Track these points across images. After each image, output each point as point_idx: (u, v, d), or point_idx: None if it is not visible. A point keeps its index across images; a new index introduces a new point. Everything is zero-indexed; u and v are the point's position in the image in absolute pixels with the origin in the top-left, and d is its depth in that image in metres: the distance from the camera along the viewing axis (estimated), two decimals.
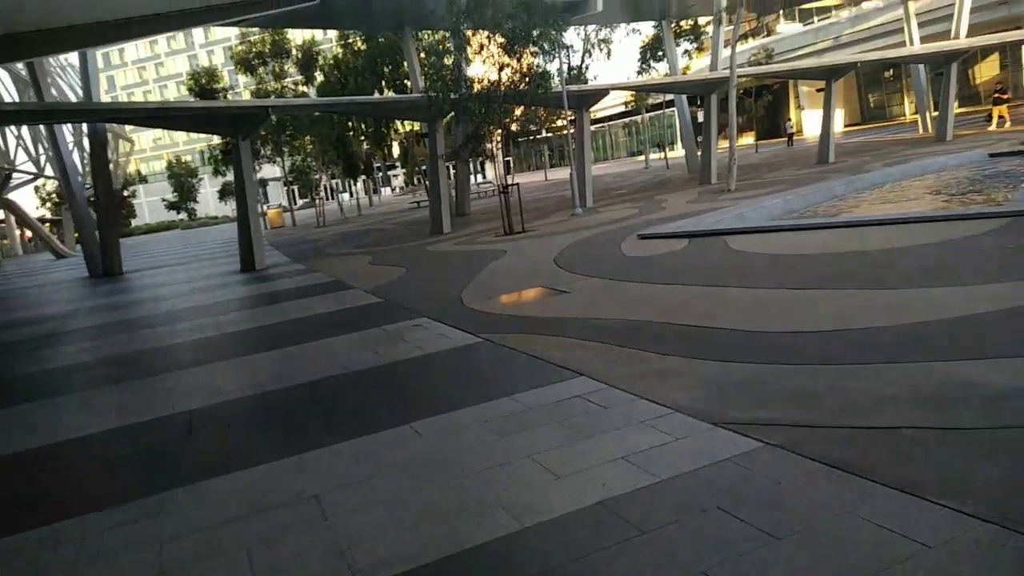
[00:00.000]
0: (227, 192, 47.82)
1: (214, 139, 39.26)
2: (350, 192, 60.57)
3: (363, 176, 44.75)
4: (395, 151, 53.43)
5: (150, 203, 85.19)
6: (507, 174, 20.68)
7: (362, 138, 36.34)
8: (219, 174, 38.98)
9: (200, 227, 61.19)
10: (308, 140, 35.01)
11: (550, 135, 54.20)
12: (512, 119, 17.64)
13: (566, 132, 21.32)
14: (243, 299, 11.59)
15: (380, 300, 9.24)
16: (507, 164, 46.45)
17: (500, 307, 7.60)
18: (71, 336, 10.06)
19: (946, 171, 15.05)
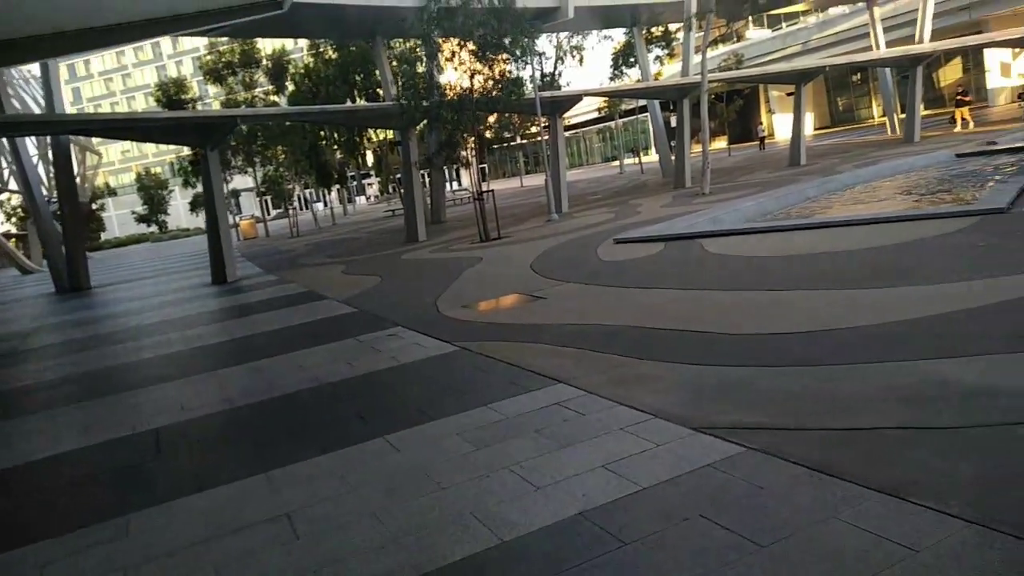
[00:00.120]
0: (198, 204, 47.05)
1: (184, 150, 38.74)
2: (324, 202, 60.04)
3: (337, 185, 44.39)
4: (369, 160, 53.17)
5: (120, 216, 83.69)
6: (482, 181, 20.59)
7: (335, 147, 36.06)
8: (189, 185, 38.40)
9: (171, 239, 60.22)
10: (280, 150, 34.65)
11: (525, 142, 54.30)
12: (486, 126, 17.55)
13: (541, 139, 21.31)
14: (213, 312, 11.36)
15: (354, 310, 9.10)
16: (482, 171, 46.41)
17: (476, 315, 7.50)
18: (34, 354, 9.76)
19: (915, 172, 15.27)
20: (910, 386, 3.65)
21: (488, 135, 19.90)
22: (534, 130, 42.51)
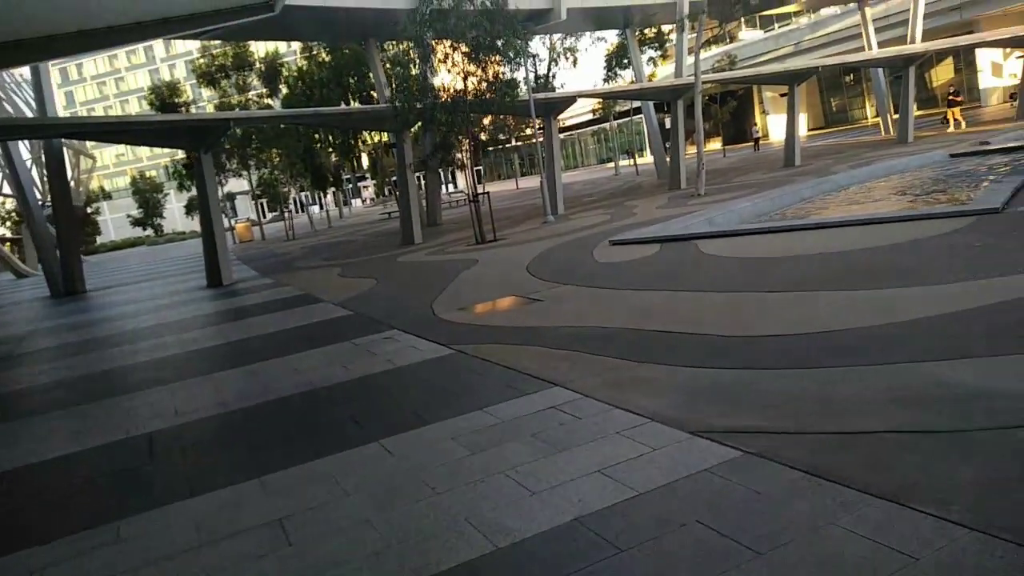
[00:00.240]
0: (193, 207, 46.94)
1: (178, 153, 38.57)
2: (320, 204, 59.96)
3: (332, 188, 44.30)
4: (365, 162, 53.09)
5: (115, 220, 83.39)
6: (478, 183, 20.58)
7: (330, 150, 35.99)
8: (183, 189, 38.29)
9: (167, 243, 60.03)
10: (275, 153, 34.56)
11: (520, 144, 54.32)
12: (480, 128, 17.53)
13: (536, 141, 21.30)
14: (208, 315, 11.30)
15: (350, 313, 9.06)
16: (478, 173, 46.37)
17: (472, 317, 7.47)
18: (28, 357, 9.69)
19: (909, 172, 15.30)
20: (908, 389, 3.63)
21: (483, 137, 19.85)
22: (529, 132, 42.53)
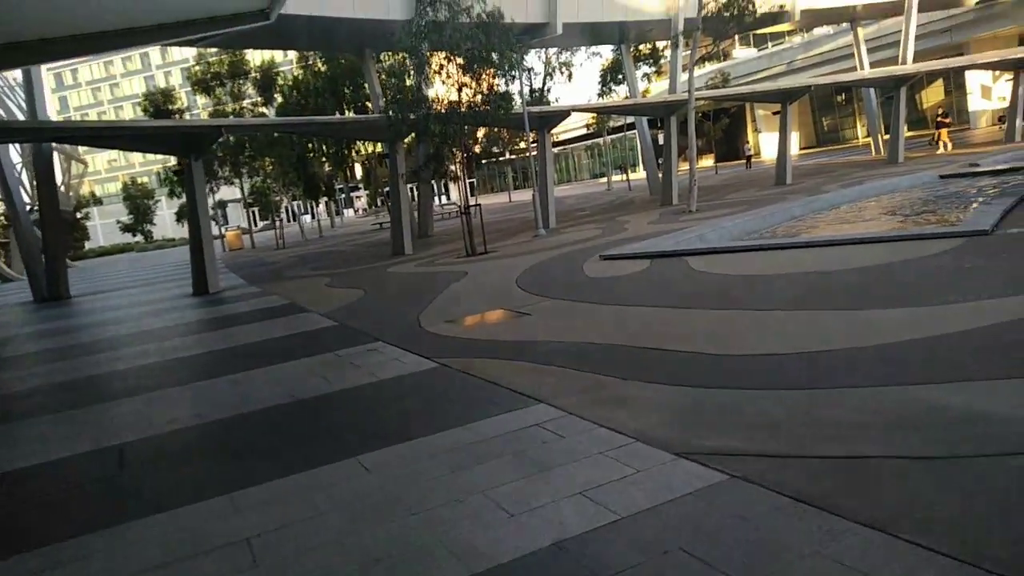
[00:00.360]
0: (184, 214, 46.69)
1: (171, 160, 38.45)
2: (312, 214, 59.80)
3: (325, 197, 44.20)
4: (358, 172, 53.04)
5: (104, 225, 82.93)
6: (471, 195, 20.55)
7: (323, 159, 35.91)
8: (174, 195, 38.08)
9: (156, 249, 59.70)
10: (268, 161, 34.46)
11: (514, 157, 54.45)
12: (474, 140, 17.52)
13: (529, 154, 21.30)
14: (191, 323, 11.14)
15: (335, 324, 8.93)
16: (471, 186, 46.34)
17: (459, 330, 7.37)
18: (3, 364, 9.49)
19: (899, 192, 15.35)
20: (897, 412, 3.55)
21: (476, 150, 19.85)
22: (522, 145, 42.67)
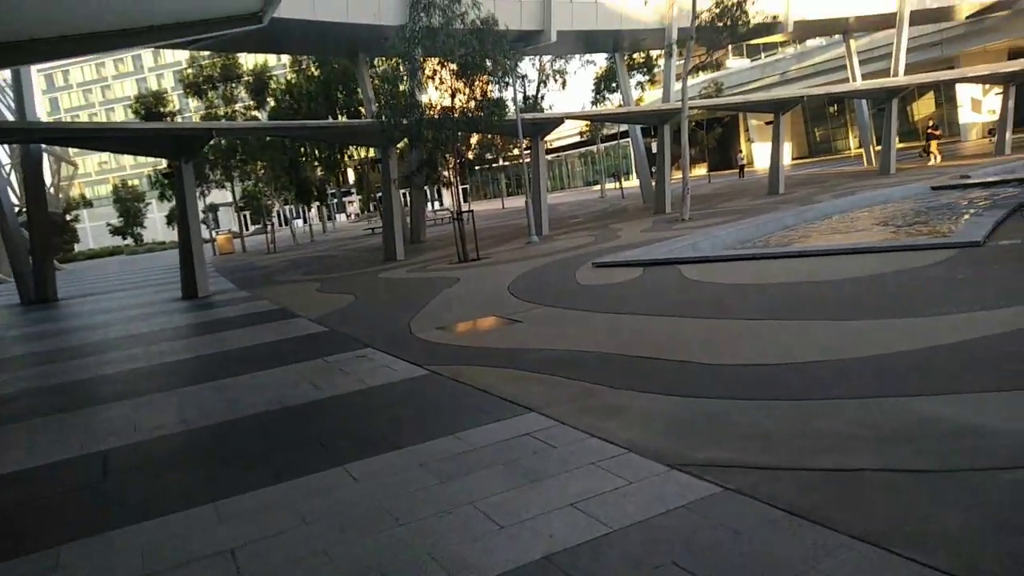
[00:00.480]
0: (174, 217, 46.45)
1: (162, 162, 38.22)
2: (304, 218, 59.64)
3: (317, 202, 44.06)
4: (351, 177, 52.92)
5: (94, 228, 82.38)
6: (464, 201, 20.58)
7: (315, 164, 35.82)
8: (165, 199, 37.86)
9: (147, 252, 59.30)
10: (260, 165, 34.33)
11: (507, 164, 54.49)
12: (467, 147, 17.50)
13: (522, 161, 21.30)
14: (179, 328, 11.02)
15: (325, 329, 8.86)
16: (464, 192, 46.35)
17: (450, 337, 7.31)
18: None
19: (891, 203, 15.42)
20: (891, 425, 3.52)
21: (470, 156, 19.81)
22: (516, 152, 42.71)
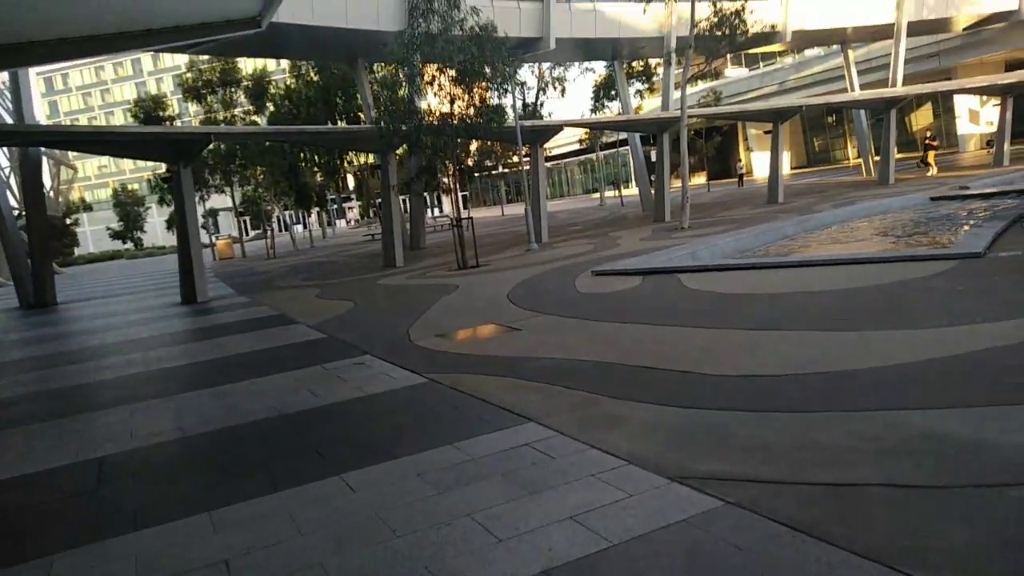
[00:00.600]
0: (174, 222, 46.39)
1: (162, 166, 38.23)
2: (304, 224, 59.67)
3: (317, 208, 44.07)
4: (351, 183, 52.93)
5: (94, 232, 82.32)
6: (464, 208, 20.53)
7: (315, 169, 35.83)
8: (164, 203, 37.86)
9: (147, 257, 59.26)
10: (259, 170, 34.33)
11: (507, 171, 54.56)
12: (467, 153, 17.50)
13: (522, 168, 21.31)
14: (178, 333, 10.98)
15: (324, 336, 8.82)
16: (464, 199, 46.31)
17: (449, 345, 7.28)
18: None
19: (891, 213, 15.44)
20: (894, 438, 3.49)
21: (469, 163, 19.79)
22: (515, 159, 42.78)
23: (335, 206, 68.12)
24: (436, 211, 50.67)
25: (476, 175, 53.01)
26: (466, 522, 3.15)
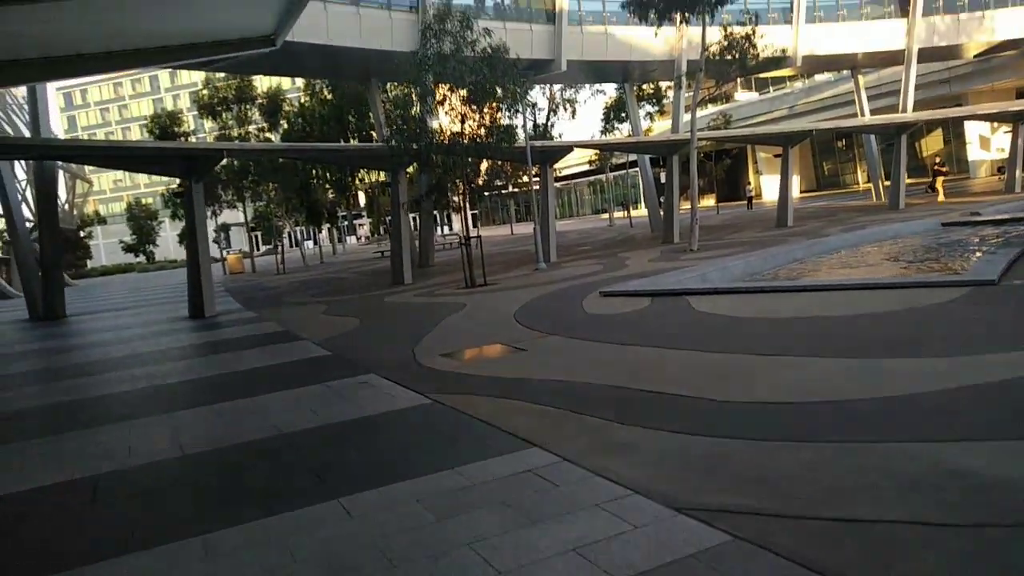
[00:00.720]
0: (186, 236, 46.68)
1: (175, 181, 38.59)
2: (314, 240, 59.94)
3: (327, 224, 44.30)
4: (362, 200, 53.20)
5: (107, 245, 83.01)
6: (473, 227, 20.63)
7: (326, 186, 36.06)
8: (177, 217, 38.13)
9: (158, 270, 59.63)
10: (271, 186, 34.58)
11: (517, 190, 54.73)
12: (477, 172, 17.55)
13: (531, 188, 21.34)
14: (183, 348, 10.95)
15: (328, 353, 8.76)
16: (473, 217, 46.44)
17: (454, 365, 7.19)
18: None
19: (901, 238, 15.30)
20: (909, 472, 3.37)
21: (479, 182, 19.84)
22: (525, 179, 42.92)
23: (346, 223, 68.46)
24: (446, 229, 50.84)
25: (486, 194, 53.18)
26: (465, 552, 3.05)
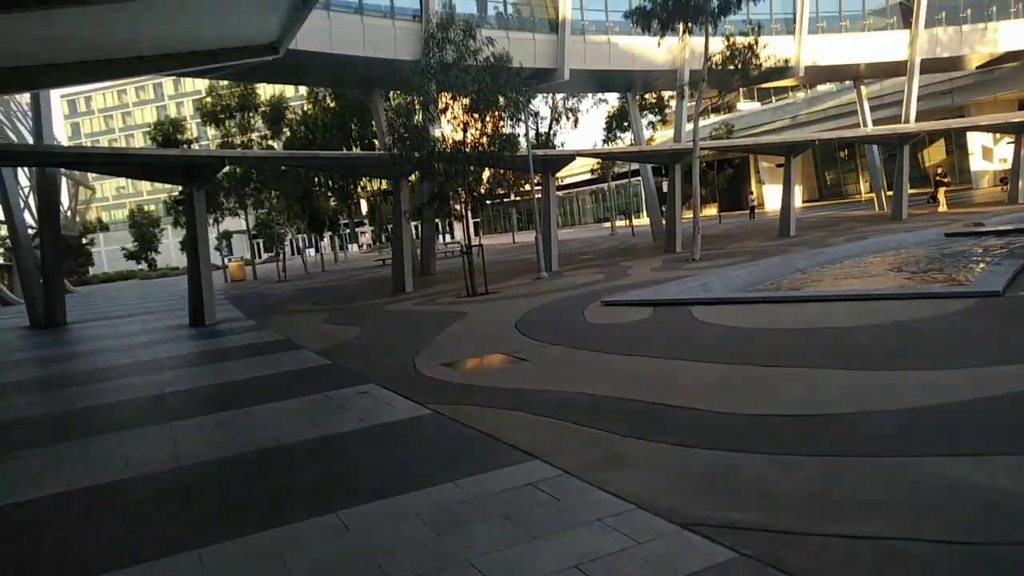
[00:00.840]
0: (187, 243, 46.71)
1: (178, 188, 38.67)
2: (316, 247, 60.02)
3: (329, 232, 44.32)
4: (364, 208, 53.26)
5: (109, 252, 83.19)
6: (475, 235, 20.56)
7: (328, 194, 36.09)
8: (179, 224, 38.18)
9: (160, 277, 59.70)
10: (273, 194, 34.62)
11: (519, 199, 54.78)
12: (479, 181, 17.53)
13: (533, 197, 21.32)
14: (182, 357, 10.89)
15: (328, 363, 8.70)
16: (475, 226, 46.42)
17: (454, 375, 7.13)
18: None
19: (904, 248, 15.24)
20: (919, 487, 3.30)
21: (481, 190, 19.80)
22: (527, 188, 42.99)
23: (347, 230, 68.53)
24: (447, 237, 50.84)
25: (488, 203, 53.18)
26: (464, 569, 2.99)
